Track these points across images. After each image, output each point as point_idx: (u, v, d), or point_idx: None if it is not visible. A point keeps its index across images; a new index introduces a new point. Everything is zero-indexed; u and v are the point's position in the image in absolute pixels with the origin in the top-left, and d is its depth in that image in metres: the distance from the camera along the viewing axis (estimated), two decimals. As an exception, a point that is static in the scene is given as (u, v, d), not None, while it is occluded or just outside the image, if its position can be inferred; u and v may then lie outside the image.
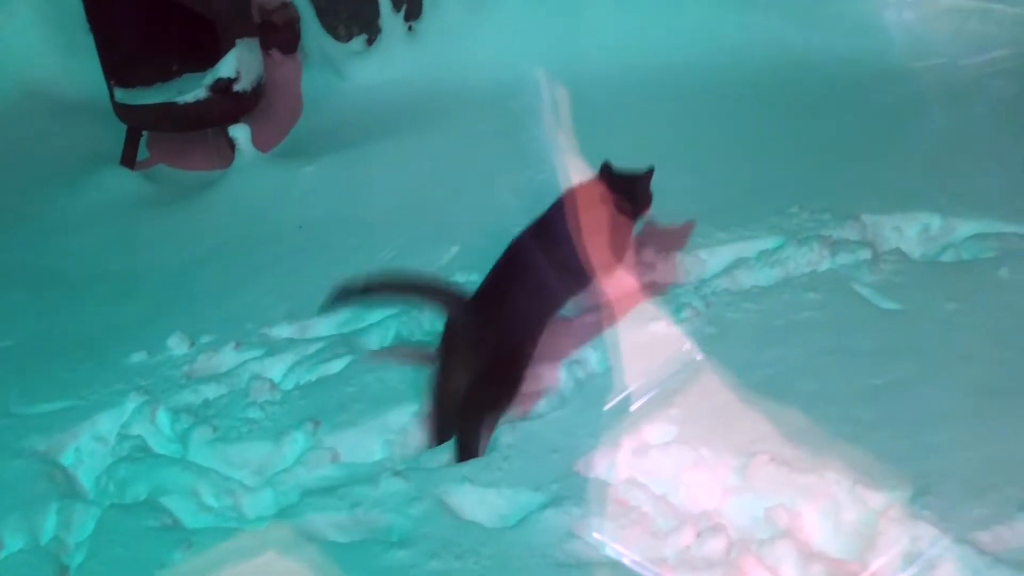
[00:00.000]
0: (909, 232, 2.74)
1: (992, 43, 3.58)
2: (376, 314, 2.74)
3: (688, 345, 2.37)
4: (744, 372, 2.25)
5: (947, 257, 2.66)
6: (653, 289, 2.59)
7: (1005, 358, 2.18)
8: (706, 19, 3.83)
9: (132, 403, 2.44)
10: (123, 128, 3.91)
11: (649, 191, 2.52)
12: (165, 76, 3.94)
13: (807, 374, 2.21)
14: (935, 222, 2.74)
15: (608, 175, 2.50)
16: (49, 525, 2.09)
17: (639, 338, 2.44)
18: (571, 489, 1.98)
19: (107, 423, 2.41)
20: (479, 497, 2.01)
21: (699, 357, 2.32)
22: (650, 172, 2.52)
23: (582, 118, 3.60)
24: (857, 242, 2.69)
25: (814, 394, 2.14)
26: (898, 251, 2.69)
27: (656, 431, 2.11)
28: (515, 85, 3.84)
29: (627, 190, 2.47)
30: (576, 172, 3.24)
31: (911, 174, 2.82)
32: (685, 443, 2.05)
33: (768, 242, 2.76)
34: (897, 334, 2.31)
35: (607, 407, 2.21)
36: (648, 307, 2.55)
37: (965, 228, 2.72)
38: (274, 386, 2.46)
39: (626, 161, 2.52)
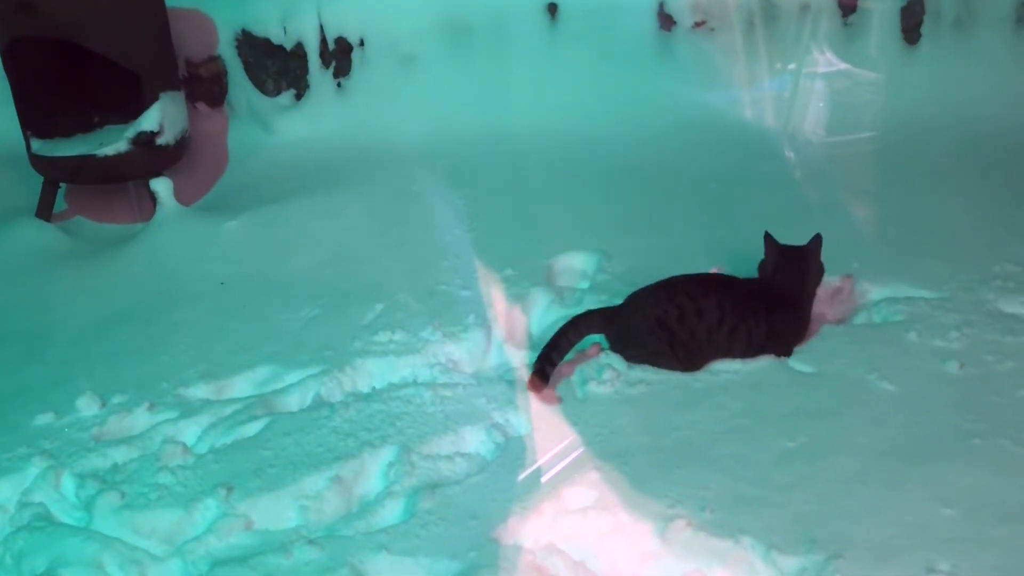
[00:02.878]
0: (822, 295, 2.82)
1: (896, 117, 3.76)
2: (295, 374, 2.70)
3: (608, 407, 2.39)
4: (663, 435, 2.27)
5: (859, 320, 2.73)
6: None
7: (914, 421, 2.25)
8: (628, 83, 3.93)
9: (35, 468, 2.34)
10: (40, 179, 3.80)
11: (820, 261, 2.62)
12: (86, 127, 3.86)
13: (725, 437, 2.24)
14: (847, 286, 2.82)
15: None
16: (-62, 602, 1.98)
17: (562, 400, 2.44)
18: (489, 557, 1.96)
19: (7, 490, 2.30)
20: (395, 566, 1.98)
21: (619, 420, 2.34)
22: (818, 239, 2.60)
23: (509, 178, 3.65)
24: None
25: (731, 457, 2.18)
26: (812, 314, 2.76)
27: (575, 496, 2.12)
28: (443, 144, 3.87)
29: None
30: (503, 229, 3.29)
31: (828, 240, 2.90)
32: (604, 508, 2.06)
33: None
34: (812, 397, 2.37)
35: (527, 471, 2.21)
36: (570, 369, 2.56)
37: (877, 292, 2.81)
38: (187, 449, 2.39)
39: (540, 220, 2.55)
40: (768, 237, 2.63)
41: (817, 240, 2.61)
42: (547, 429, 2.35)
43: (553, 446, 2.28)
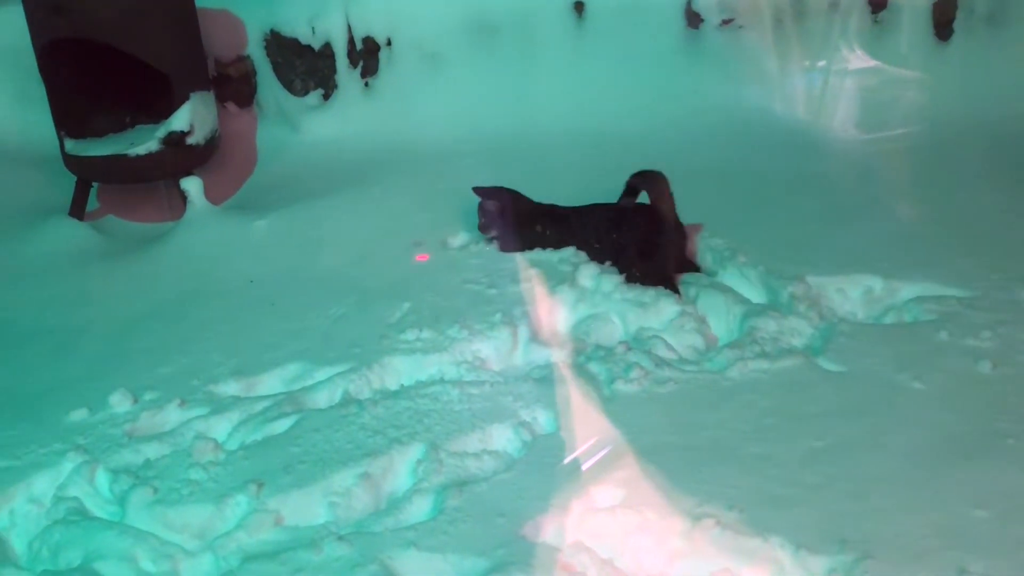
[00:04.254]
0: (853, 294, 2.80)
1: (928, 113, 3.72)
2: (324, 371, 2.72)
3: (636, 406, 2.38)
4: (691, 433, 2.26)
5: (889, 319, 2.72)
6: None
7: (946, 422, 2.23)
8: (655, 81, 3.92)
9: (70, 463, 2.37)
10: (73, 179, 3.86)
11: None
12: (117, 128, 3.91)
13: (753, 436, 2.23)
14: (878, 284, 2.81)
15: None
16: (-23, 594, 2.02)
17: (588, 399, 2.45)
18: (517, 554, 1.96)
19: (43, 484, 2.33)
20: (424, 563, 1.98)
21: (647, 418, 2.34)
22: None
23: (534, 176, 3.64)
24: (802, 303, 2.74)
25: (760, 456, 2.17)
26: (842, 312, 2.74)
27: (603, 494, 2.11)
28: (469, 143, 3.88)
29: None
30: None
31: (854, 238, 2.89)
32: (632, 506, 2.05)
33: (716, 302, 2.81)
34: (841, 397, 2.35)
35: (554, 469, 2.21)
36: (597, 367, 2.57)
37: (907, 291, 2.79)
38: (218, 446, 2.42)
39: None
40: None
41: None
42: (574, 427, 2.35)
43: (581, 444, 2.28)
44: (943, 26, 3.82)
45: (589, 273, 2.92)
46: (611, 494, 2.10)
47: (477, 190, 3.22)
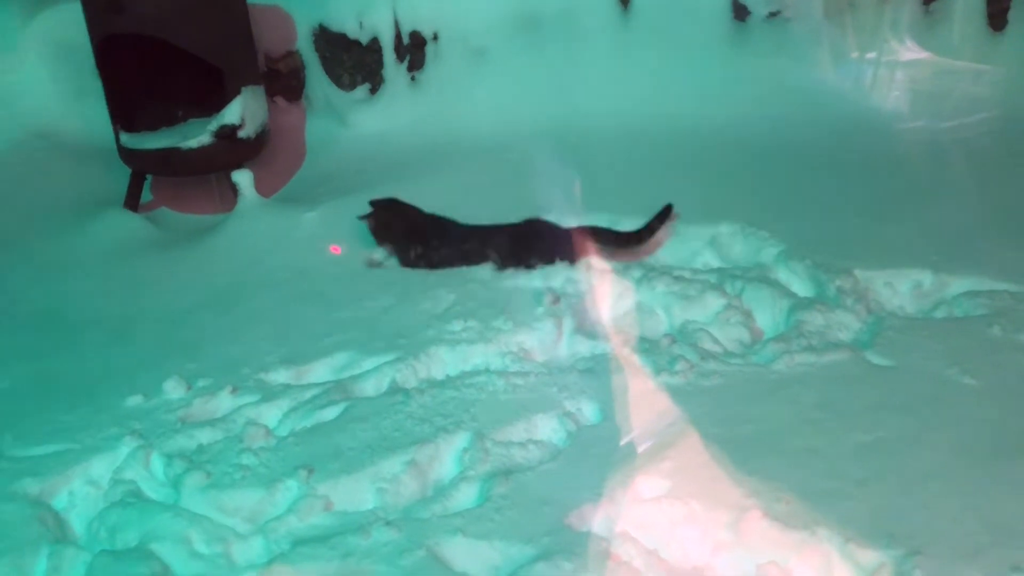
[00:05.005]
0: (901, 288, 2.77)
1: (980, 105, 3.65)
2: (371, 360, 2.76)
3: (681, 398, 2.39)
4: (736, 426, 2.26)
5: (939, 314, 2.68)
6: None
7: (996, 418, 2.20)
8: (701, 73, 3.90)
9: (126, 447, 2.44)
10: (127, 171, 3.95)
11: None
12: (170, 121, 4.00)
13: (799, 430, 2.23)
14: (927, 279, 2.77)
15: None
16: (39, 570, 2.08)
17: (632, 391, 2.45)
18: (563, 543, 1.98)
19: (100, 467, 2.40)
20: (471, 549, 2.01)
21: (692, 410, 2.34)
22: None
23: (578, 169, 3.65)
24: (850, 297, 2.72)
25: (806, 450, 2.16)
26: (890, 307, 2.71)
27: (648, 485, 2.12)
28: (514, 136, 3.90)
29: None
30: (572, 218, 3.30)
31: (903, 231, 2.86)
32: (677, 497, 2.06)
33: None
34: (888, 391, 2.33)
35: (599, 460, 2.22)
36: (642, 359, 2.57)
37: (957, 285, 2.75)
38: (269, 432, 2.47)
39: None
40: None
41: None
42: (619, 418, 2.36)
43: (625, 435, 2.29)
44: (997, 16, 3.75)
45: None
46: (657, 485, 2.11)
47: (372, 203, 3.33)
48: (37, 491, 2.31)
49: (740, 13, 3.89)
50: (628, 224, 3.18)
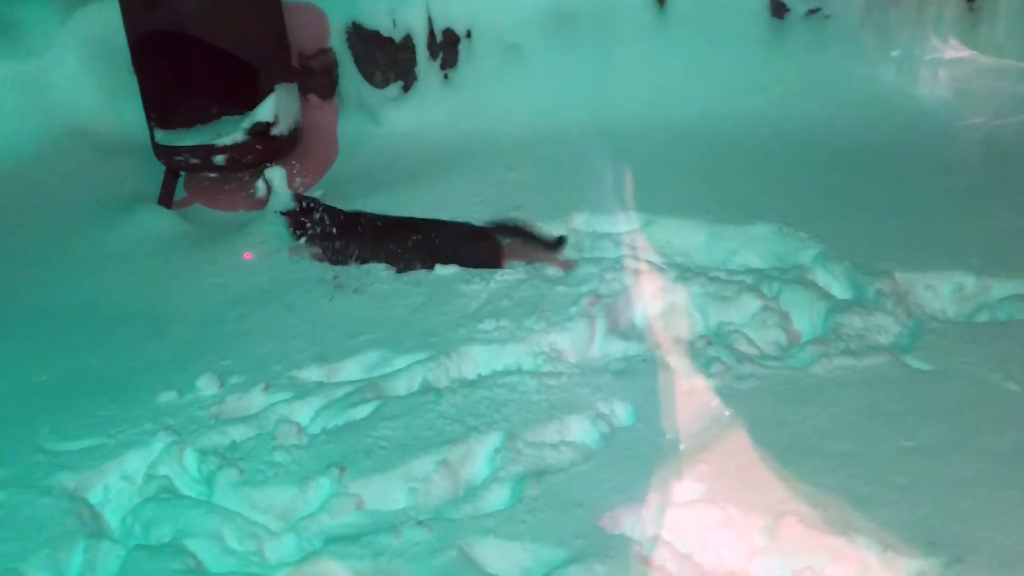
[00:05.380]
0: (943, 291, 2.72)
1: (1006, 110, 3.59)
2: (403, 359, 2.75)
3: (717, 401, 2.36)
4: (773, 430, 2.23)
5: (982, 318, 2.63)
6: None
7: (1042, 424, 2.15)
8: (738, 72, 3.86)
9: (160, 443, 2.45)
10: (162, 168, 3.98)
11: None
12: (204, 119, 4.01)
13: (837, 434, 2.19)
14: (969, 282, 2.72)
15: None
16: (75, 564, 2.10)
17: (667, 393, 2.43)
18: (595, 546, 1.96)
19: (135, 462, 2.42)
20: (502, 550, 1.99)
21: (728, 413, 2.31)
22: None
23: (612, 166, 3.63)
24: (890, 299, 2.67)
25: (844, 454, 2.12)
26: (931, 310, 2.66)
27: (683, 488, 2.10)
28: (546, 133, 3.88)
29: None
30: (605, 217, 3.28)
31: (945, 233, 2.80)
32: (712, 501, 2.03)
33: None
34: (930, 396, 2.29)
35: (633, 462, 2.20)
36: (677, 361, 2.54)
37: (1000, 288, 2.70)
38: (301, 430, 2.47)
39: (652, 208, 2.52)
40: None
41: None
42: (653, 421, 2.34)
43: (659, 438, 2.27)
44: (1044, 14, 3.68)
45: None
46: (691, 488, 2.09)
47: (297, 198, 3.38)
48: (73, 485, 2.33)
49: (778, 10, 3.84)
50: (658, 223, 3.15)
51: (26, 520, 2.20)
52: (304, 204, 3.34)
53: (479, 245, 3.18)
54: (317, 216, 3.31)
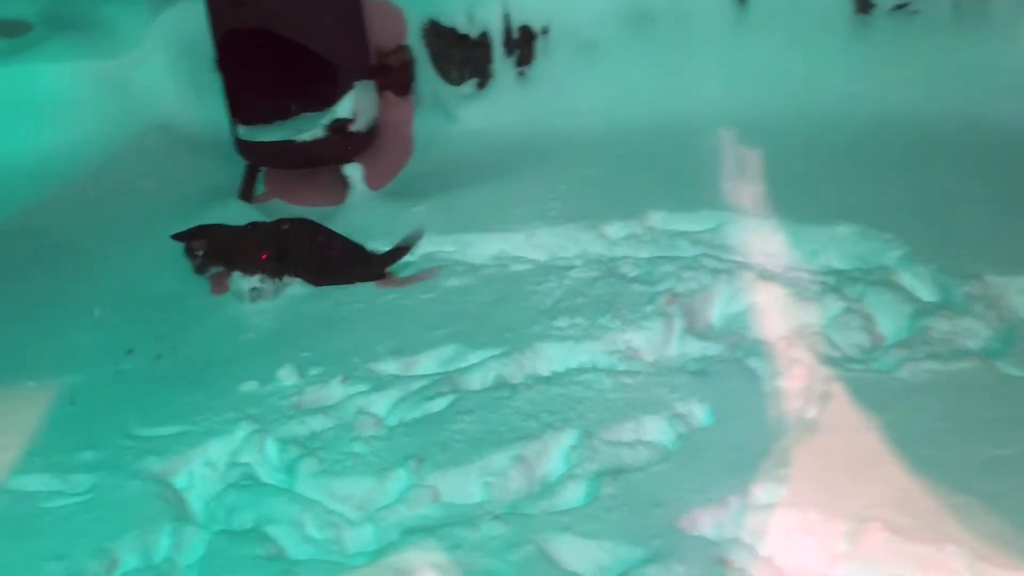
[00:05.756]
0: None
1: None
2: (477, 354, 2.76)
3: (798, 404, 2.32)
4: (856, 434, 2.18)
5: (1079, 322, 2.53)
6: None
7: None
8: (820, 69, 3.77)
9: (242, 431, 2.51)
10: (242, 163, 4.06)
11: None
12: (284, 115, 4.08)
13: (924, 440, 2.14)
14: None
15: None
16: (162, 546, 2.17)
17: (746, 394, 2.40)
18: (673, 546, 1.95)
19: (218, 450, 2.48)
20: (580, 548, 2.00)
21: (810, 416, 2.27)
22: None
23: (688, 166, 3.58)
24: (979, 303, 2.59)
25: (932, 461, 2.07)
26: (1024, 315, 2.57)
27: (763, 491, 2.07)
28: (622, 131, 3.84)
29: None
30: (682, 215, 3.25)
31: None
32: (794, 505, 2.00)
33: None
34: (1022, 402, 2.21)
35: (711, 463, 2.18)
36: (757, 362, 2.51)
37: (1098, 292, 2.59)
38: (379, 421, 2.50)
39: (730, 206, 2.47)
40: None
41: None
42: (732, 422, 2.31)
43: (738, 440, 2.24)
44: None
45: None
46: (772, 491, 2.06)
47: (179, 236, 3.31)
48: (160, 470, 2.41)
49: (863, 6, 3.73)
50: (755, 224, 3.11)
51: (116, 502, 2.29)
52: (190, 232, 3.31)
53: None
54: (198, 244, 3.28)
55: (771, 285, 2.81)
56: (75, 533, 2.20)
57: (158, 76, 4.69)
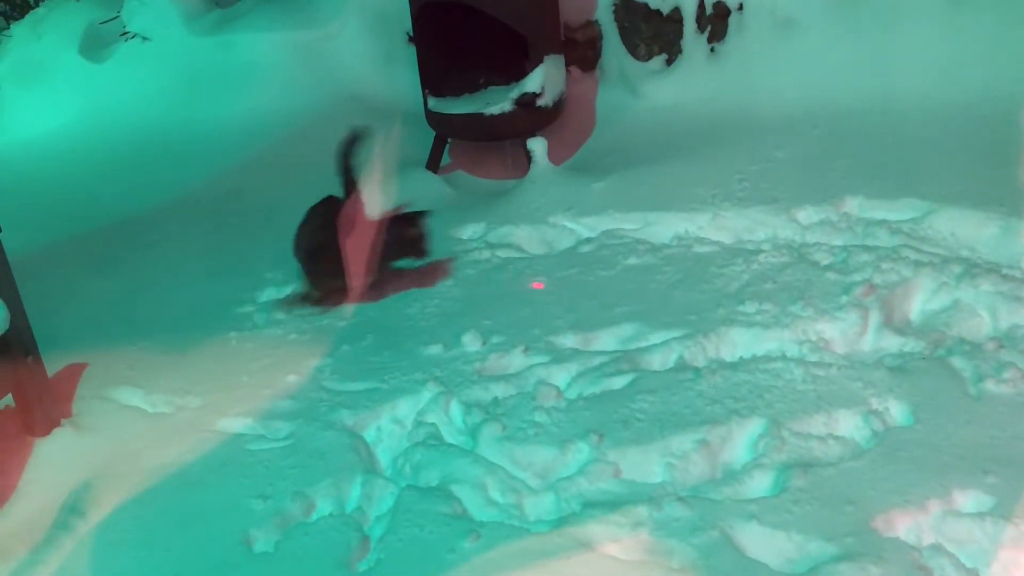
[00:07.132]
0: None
1: None
2: (659, 335, 2.74)
3: (1008, 409, 2.17)
4: (1078, 447, 2.02)
5: None
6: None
7: None
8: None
9: (429, 392, 2.60)
10: (430, 134, 4.17)
11: None
12: (472, 88, 4.16)
13: None
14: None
15: None
16: (354, 495, 2.28)
17: (950, 396, 2.26)
18: (867, 545, 1.87)
19: (405, 408, 2.58)
20: (766, 538, 1.95)
21: (1021, 425, 2.11)
22: None
23: (890, 150, 3.40)
24: None
25: None
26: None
27: (968, 498, 1.96)
28: (819, 112, 3.69)
29: None
30: (881, 202, 3.09)
31: None
32: (1004, 516, 1.89)
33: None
34: None
35: (910, 464, 2.07)
36: (962, 363, 2.36)
37: None
38: (560, 393, 2.53)
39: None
40: None
41: None
42: (934, 423, 2.19)
43: (941, 442, 2.12)
44: None
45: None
46: (978, 499, 1.94)
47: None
48: (351, 423, 2.52)
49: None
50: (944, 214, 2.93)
51: (313, 450, 2.42)
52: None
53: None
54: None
55: (979, 282, 2.64)
56: (276, 476, 2.34)
57: (352, 48, 4.90)
